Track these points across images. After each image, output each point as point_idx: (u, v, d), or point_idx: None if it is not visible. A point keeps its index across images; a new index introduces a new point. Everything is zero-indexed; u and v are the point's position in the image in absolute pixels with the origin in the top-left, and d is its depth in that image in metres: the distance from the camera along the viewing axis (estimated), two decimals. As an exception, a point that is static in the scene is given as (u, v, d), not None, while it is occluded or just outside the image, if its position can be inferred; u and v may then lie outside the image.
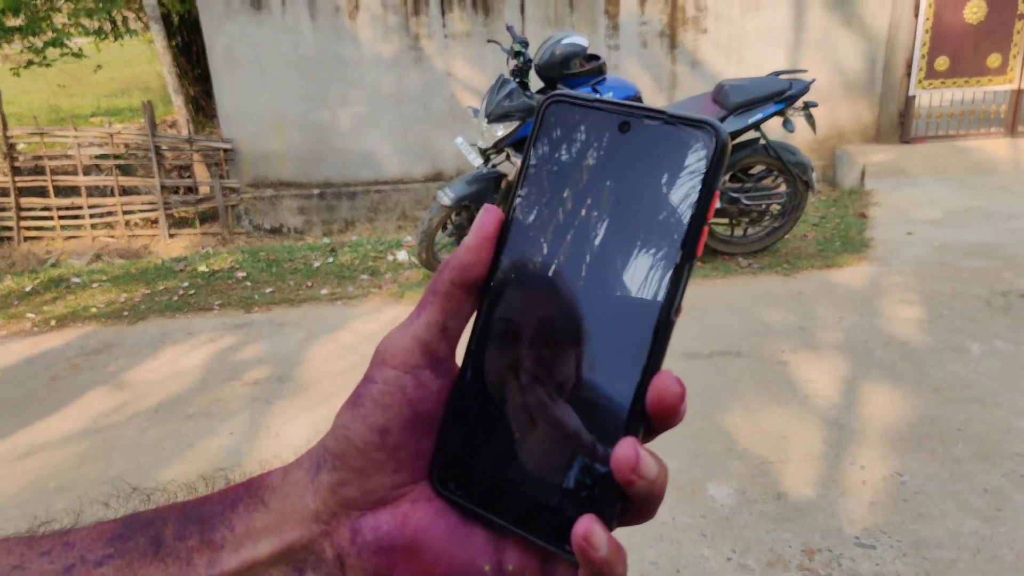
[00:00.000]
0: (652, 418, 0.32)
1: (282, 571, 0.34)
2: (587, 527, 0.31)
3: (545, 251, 0.35)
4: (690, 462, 2.73)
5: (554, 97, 0.36)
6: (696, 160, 0.32)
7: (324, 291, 4.80)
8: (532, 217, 0.35)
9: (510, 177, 4.59)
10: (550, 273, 0.34)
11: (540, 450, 0.34)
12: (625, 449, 0.31)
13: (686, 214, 0.32)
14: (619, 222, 0.33)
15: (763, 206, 4.74)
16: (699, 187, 0.32)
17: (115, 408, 3.43)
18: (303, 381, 3.56)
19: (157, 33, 7.94)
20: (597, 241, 0.34)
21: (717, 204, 0.35)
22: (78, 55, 10.04)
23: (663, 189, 0.33)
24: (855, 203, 6.06)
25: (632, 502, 0.32)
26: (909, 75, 7.02)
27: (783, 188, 4.74)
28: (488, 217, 0.35)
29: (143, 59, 13.86)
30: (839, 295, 4.23)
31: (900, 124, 7.26)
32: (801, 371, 3.37)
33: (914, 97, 7.10)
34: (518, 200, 0.36)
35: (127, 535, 0.34)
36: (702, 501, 2.54)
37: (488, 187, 4.52)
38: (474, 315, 0.36)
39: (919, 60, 6.92)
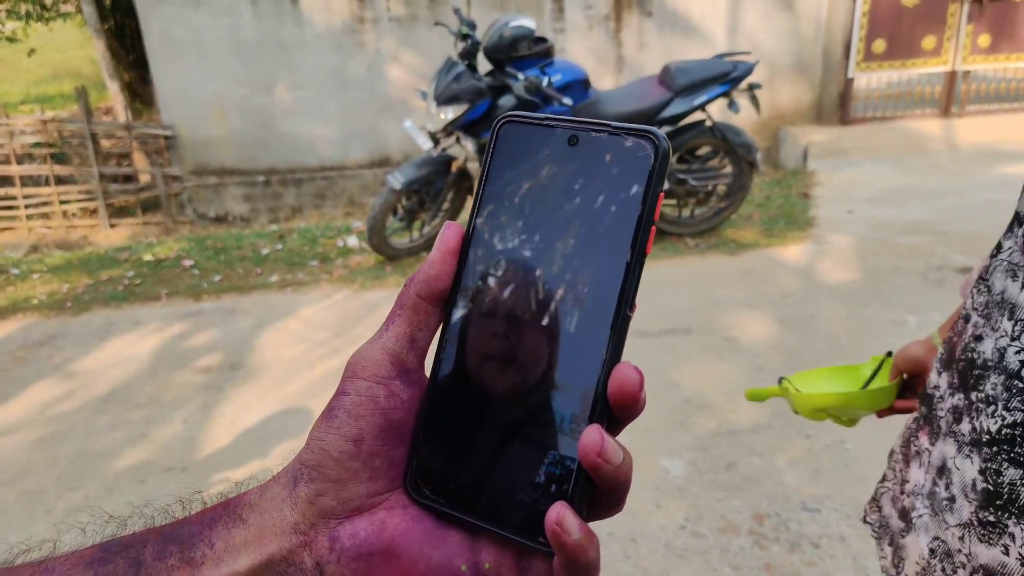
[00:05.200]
0: (615, 408, 0.33)
1: None
2: (559, 513, 0.32)
3: (505, 260, 0.37)
4: (643, 436, 2.80)
5: (506, 117, 0.38)
6: (641, 166, 0.35)
7: (274, 278, 4.74)
8: (491, 229, 0.37)
9: (460, 160, 4.58)
10: (511, 281, 0.36)
11: (510, 449, 0.35)
12: (591, 435, 0.32)
13: (634, 216, 0.34)
14: (573, 229, 0.35)
15: (709, 187, 4.83)
16: (644, 190, 0.34)
17: (63, 399, 3.35)
18: (255, 368, 3.53)
19: (90, 16, 7.67)
20: (554, 248, 0.36)
21: (662, 206, 0.38)
22: (12, 39, 9.65)
23: (611, 195, 0.35)
24: (798, 183, 6.22)
25: (600, 490, 0.33)
26: (848, 57, 7.20)
27: (729, 169, 4.84)
28: (450, 232, 0.37)
29: (73, 44, 13.39)
30: (784, 272, 4.34)
31: (840, 105, 7.45)
32: (749, 346, 3.46)
33: (853, 79, 7.28)
34: (477, 214, 0.38)
35: (106, 558, 0.35)
36: (655, 473, 2.60)
37: (438, 170, 4.51)
38: (440, 326, 0.38)
39: (857, 43, 7.10)
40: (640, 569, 2.18)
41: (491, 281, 0.37)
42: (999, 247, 0.74)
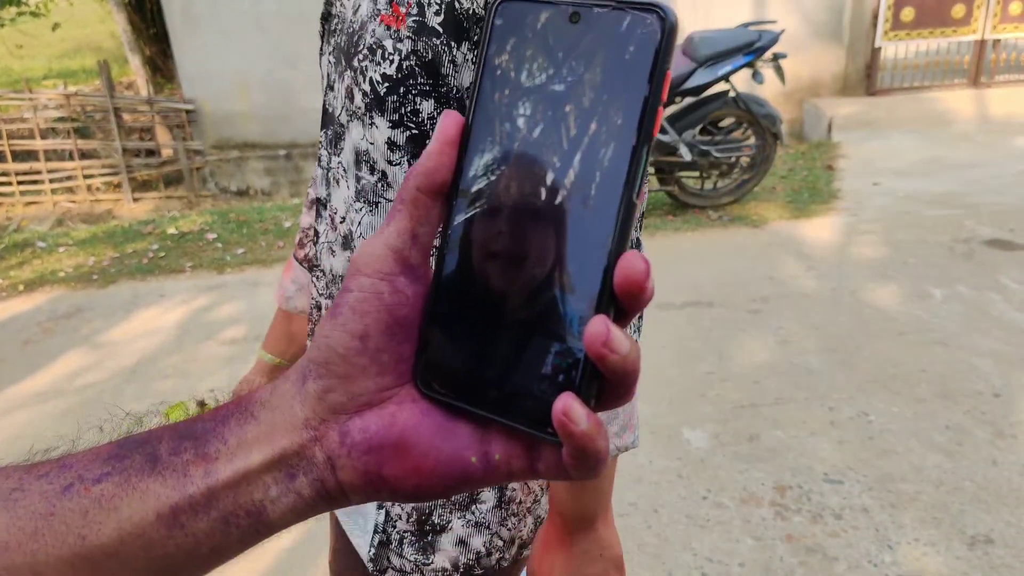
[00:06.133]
0: (621, 298, 0.32)
1: (275, 477, 0.35)
2: (565, 403, 0.32)
3: (506, 148, 0.35)
4: (666, 408, 2.80)
5: None
6: (646, 42, 0.33)
7: (296, 251, 4.77)
8: (491, 117, 0.36)
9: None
10: (513, 170, 0.35)
11: (516, 341, 0.35)
12: (596, 325, 0.31)
13: (640, 96, 0.33)
14: (576, 112, 0.34)
15: (733, 159, 4.78)
16: (650, 68, 0.33)
17: (90, 369, 3.41)
18: (279, 340, 3.56)
19: (112, -10, 7.69)
20: (557, 133, 0.34)
21: (669, 84, 0.36)
22: (36, 14, 9.70)
23: (616, 75, 0.33)
24: (822, 155, 6.14)
25: (608, 381, 0.33)
26: (875, 26, 7.06)
27: (752, 140, 4.78)
28: (448, 121, 0.36)
29: (94, 18, 13.44)
30: (807, 245, 4.30)
31: (866, 76, 7.32)
32: (771, 319, 3.44)
33: (880, 49, 7.15)
34: (476, 101, 0.36)
35: (123, 454, 0.35)
36: (678, 445, 2.61)
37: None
38: (442, 219, 0.37)
39: (885, 11, 6.95)
40: (662, 539, 2.20)
41: (492, 171, 0.35)
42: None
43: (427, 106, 0.78)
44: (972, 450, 2.49)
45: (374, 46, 0.76)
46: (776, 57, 4.54)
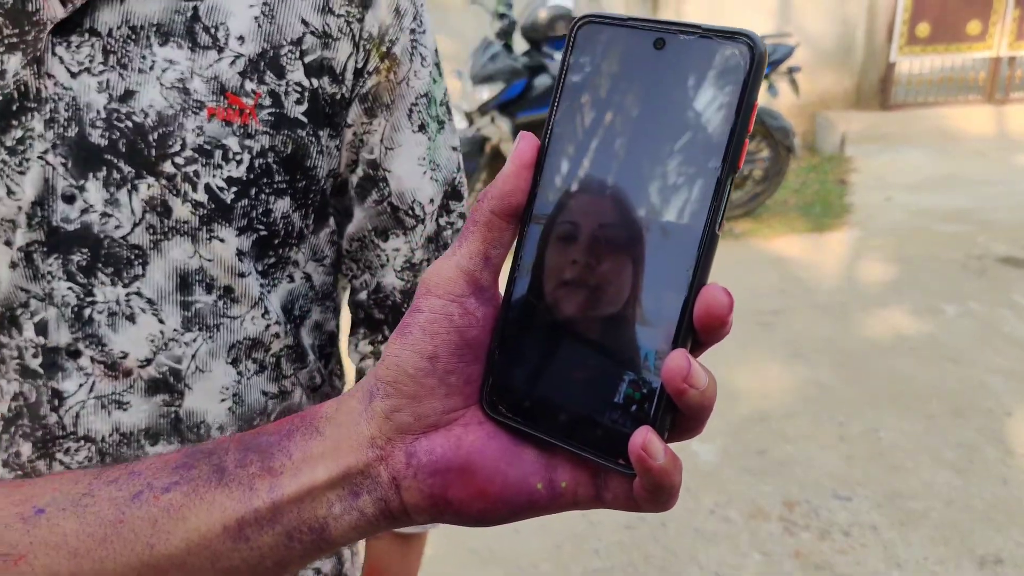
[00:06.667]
0: (700, 331, 0.32)
1: (339, 495, 0.35)
2: (645, 437, 0.31)
3: (583, 174, 0.34)
4: (674, 420, 2.80)
5: (586, 18, 0.35)
6: (734, 73, 0.32)
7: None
8: (568, 141, 0.35)
9: (494, 140, 4.58)
10: (591, 194, 0.34)
11: (588, 369, 0.34)
12: (677, 359, 0.31)
13: (726, 127, 0.32)
14: (658, 139, 0.33)
15: (745, 171, 4.78)
16: (738, 99, 0.32)
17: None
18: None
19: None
20: (637, 160, 0.33)
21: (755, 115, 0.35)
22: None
23: (702, 104, 0.32)
24: (835, 169, 6.12)
25: (682, 414, 0.33)
26: (890, 41, 7.05)
27: (765, 153, 4.78)
28: (525, 144, 0.35)
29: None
30: (819, 259, 4.29)
31: (881, 91, 7.30)
32: (782, 333, 3.43)
33: (895, 64, 7.13)
34: (554, 125, 0.35)
35: (190, 464, 0.36)
36: (686, 458, 2.59)
37: (472, 150, 4.51)
38: (515, 242, 0.36)
39: (900, 26, 6.94)
40: (669, 552, 2.19)
41: (568, 196, 0.35)
42: None
43: (281, 205, 0.71)
44: (982, 468, 2.47)
45: (207, 147, 0.66)
46: (791, 70, 4.54)
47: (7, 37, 0.63)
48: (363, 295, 0.85)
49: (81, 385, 0.70)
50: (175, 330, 0.70)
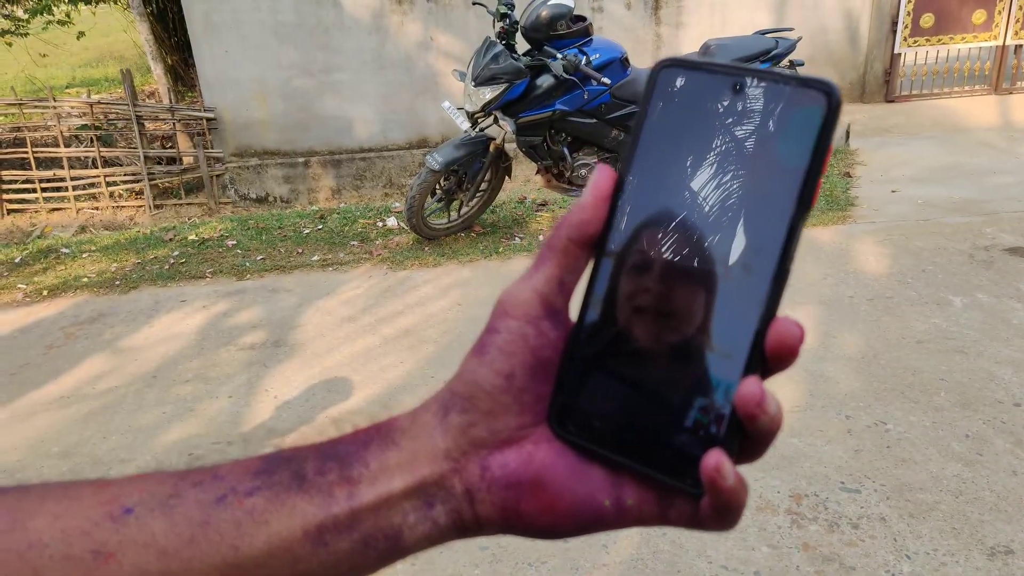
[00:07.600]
0: (772, 360, 0.34)
1: (414, 505, 0.36)
2: (718, 459, 0.33)
3: (661, 207, 0.36)
4: (681, 415, 2.80)
5: (668, 61, 0.37)
6: (811, 118, 0.34)
7: (315, 257, 4.81)
8: (646, 176, 0.37)
9: (498, 140, 4.59)
10: (666, 227, 0.36)
11: (657, 393, 0.36)
12: (751, 387, 0.33)
13: (801, 169, 0.33)
14: (735, 178, 0.35)
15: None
16: (814, 144, 0.33)
17: (113, 374, 3.46)
18: (297, 345, 3.60)
19: None
20: (714, 196, 0.35)
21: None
22: (64, 22, 9.85)
23: (778, 147, 0.34)
24: (840, 162, 6.10)
25: (749, 438, 0.34)
26: (894, 33, 7.03)
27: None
28: (603, 176, 0.37)
29: (117, 27, 13.61)
30: (825, 252, 4.28)
31: (885, 83, 7.28)
32: (788, 326, 3.42)
33: (899, 55, 7.11)
34: (632, 160, 0.37)
35: (271, 470, 0.37)
36: (694, 452, 2.60)
37: (476, 151, 4.52)
38: (589, 269, 0.38)
39: (904, 17, 6.92)
40: (676, 545, 2.20)
41: (643, 228, 0.36)
42: None
43: None
44: (992, 460, 2.47)
45: None
46: (793, 65, 4.53)
47: None
48: None
49: None
50: None
